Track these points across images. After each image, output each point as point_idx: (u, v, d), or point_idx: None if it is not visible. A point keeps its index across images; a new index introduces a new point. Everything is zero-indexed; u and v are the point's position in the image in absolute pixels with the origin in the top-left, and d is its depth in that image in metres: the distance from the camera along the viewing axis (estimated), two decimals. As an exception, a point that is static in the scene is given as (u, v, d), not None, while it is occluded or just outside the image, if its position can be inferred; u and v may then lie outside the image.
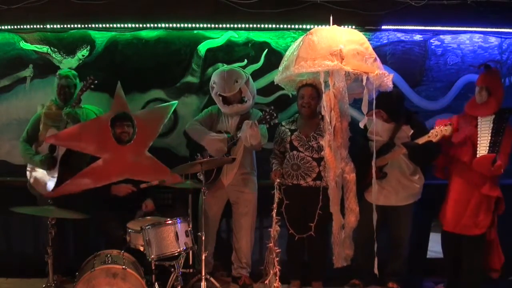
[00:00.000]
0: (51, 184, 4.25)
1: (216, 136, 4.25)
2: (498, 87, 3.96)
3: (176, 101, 4.55)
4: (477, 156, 3.89)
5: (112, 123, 4.23)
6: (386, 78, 3.66)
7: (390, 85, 3.71)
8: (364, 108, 3.65)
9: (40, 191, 4.28)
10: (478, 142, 3.92)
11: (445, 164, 4.16)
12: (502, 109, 3.95)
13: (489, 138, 3.88)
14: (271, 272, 3.89)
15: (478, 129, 3.94)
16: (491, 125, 3.90)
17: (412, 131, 4.06)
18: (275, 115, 4.05)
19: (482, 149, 3.89)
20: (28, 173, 4.39)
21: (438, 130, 3.84)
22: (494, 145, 3.85)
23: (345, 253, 3.94)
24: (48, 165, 4.24)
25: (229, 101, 4.31)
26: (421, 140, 3.92)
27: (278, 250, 3.89)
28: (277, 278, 3.86)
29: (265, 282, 3.98)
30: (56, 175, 4.24)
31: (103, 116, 4.34)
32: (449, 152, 4.08)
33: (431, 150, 3.97)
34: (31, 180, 4.35)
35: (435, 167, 4.23)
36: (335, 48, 3.54)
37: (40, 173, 4.32)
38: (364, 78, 3.60)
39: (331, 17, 3.85)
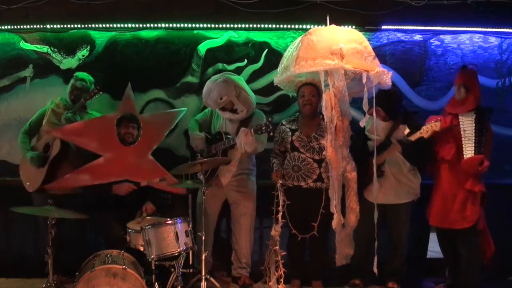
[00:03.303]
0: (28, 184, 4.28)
1: (196, 135, 4.36)
2: (474, 84, 4.04)
3: (185, 109, 4.57)
4: (464, 157, 3.98)
5: (118, 123, 4.23)
6: (385, 76, 3.66)
7: (389, 82, 3.72)
8: (365, 106, 3.65)
9: (26, 185, 4.30)
10: (463, 142, 4.00)
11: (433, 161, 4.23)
12: (483, 109, 4.03)
13: (474, 138, 3.98)
14: (275, 274, 3.88)
15: (461, 129, 4.02)
16: (473, 125, 3.99)
17: (408, 130, 4.08)
18: (271, 127, 4.02)
19: (468, 150, 3.99)
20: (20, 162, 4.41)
21: (429, 127, 3.92)
22: (479, 145, 3.96)
23: (346, 252, 3.94)
24: (37, 163, 4.23)
25: (223, 108, 4.31)
26: (413, 137, 3.97)
27: (283, 253, 3.89)
28: (281, 280, 3.85)
29: (269, 284, 3.96)
30: (40, 178, 4.23)
31: (109, 115, 4.34)
32: (433, 150, 4.14)
33: (423, 147, 4.01)
34: (22, 174, 4.37)
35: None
36: (335, 47, 3.55)
37: (28, 168, 4.33)
38: (364, 76, 3.60)
39: (327, 17, 3.85)
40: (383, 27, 4.76)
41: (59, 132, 4.20)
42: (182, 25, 4.72)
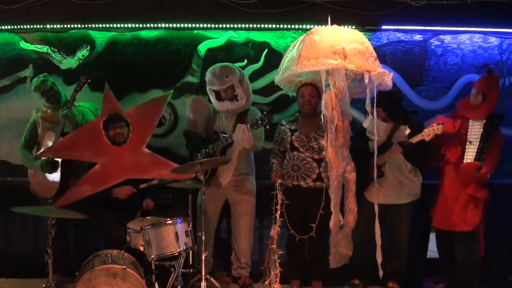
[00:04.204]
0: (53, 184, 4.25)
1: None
2: (493, 94, 4.02)
3: (172, 91, 4.51)
4: (464, 161, 3.99)
5: (105, 126, 4.16)
6: (386, 76, 3.66)
7: (390, 84, 3.71)
8: (368, 107, 3.65)
9: (43, 195, 4.26)
10: (467, 146, 4.01)
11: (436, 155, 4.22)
12: (493, 115, 4.02)
13: (478, 143, 3.98)
14: (272, 273, 3.88)
15: (468, 133, 4.02)
16: (481, 130, 3.99)
17: (409, 130, 4.08)
18: (266, 120, 4.00)
19: (469, 155, 4.00)
20: (30, 177, 4.37)
21: (431, 130, 3.91)
22: (481, 152, 3.96)
23: (344, 253, 3.93)
24: (49, 169, 4.24)
25: (221, 97, 4.30)
26: (414, 139, 3.97)
27: (280, 252, 3.89)
28: (277, 279, 3.85)
29: (266, 282, 3.96)
30: (58, 177, 4.24)
31: (94, 120, 4.28)
32: (440, 150, 4.15)
33: (424, 149, 4.01)
34: (34, 185, 4.35)
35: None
36: (338, 47, 3.53)
37: (41, 177, 4.32)
38: (366, 76, 3.60)
39: (329, 17, 3.85)
40: (383, 27, 4.76)
41: (47, 152, 4.18)
42: (182, 25, 4.72)
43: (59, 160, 4.25)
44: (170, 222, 3.74)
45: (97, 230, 4.43)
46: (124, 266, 3.48)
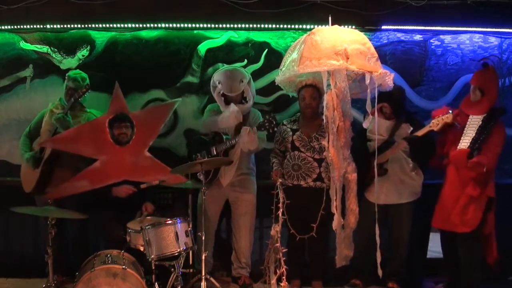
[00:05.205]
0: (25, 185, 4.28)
1: (226, 113, 4.23)
2: (491, 88, 3.95)
3: (179, 99, 4.52)
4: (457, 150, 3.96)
5: (110, 124, 4.18)
6: (387, 77, 3.66)
7: (391, 84, 3.72)
8: (368, 107, 3.65)
9: (25, 186, 4.29)
10: (462, 138, 3.95)
11: (441, 153, 4.19)
12: (494, 108, 3.97)
13: (473, 135, 3.91)
14: (277, 272, 3.87)
15: (466, 126, 3.97)
16: (480, 123, 3.93)
17: (411, 128, 4.08)
18: (274, 122, 4.02)
19: (463, 145, 3.94)
20: (22, 167, 4.39)
21: (439, 119, 3.88)
22: (475, 142, 3.88)
23: (345, 254, 3.93)
24: (33, 164, 4.24)
25: (230, 101, 4.30)
26: (421, 132, 3.95)
27: (284, 250, 3.89)
28: (284, 278, 3.84)
29: (271, 282, 3.94)
30: (35, 179, 4.23)
31: (100, 117, 4.28)
32: (443, 148, 4.12)
33: (430, 143, 4.00)
34: (22, 174, 4.36)
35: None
36: (340, 48, 3.53)
37: (26, 169, 4.33)
38: (367, 77, 3.60)
39: (329, 17, 3.85)
40: (383, 27, 4.76)
41: (49, 142, 4.18)
42: (182, 25, 4.72)
43: (43, 157, 4.23)
44: (170, 222, 3.74)
45: (97, 230, 4.43)
46: (124, 266, 3.47)
